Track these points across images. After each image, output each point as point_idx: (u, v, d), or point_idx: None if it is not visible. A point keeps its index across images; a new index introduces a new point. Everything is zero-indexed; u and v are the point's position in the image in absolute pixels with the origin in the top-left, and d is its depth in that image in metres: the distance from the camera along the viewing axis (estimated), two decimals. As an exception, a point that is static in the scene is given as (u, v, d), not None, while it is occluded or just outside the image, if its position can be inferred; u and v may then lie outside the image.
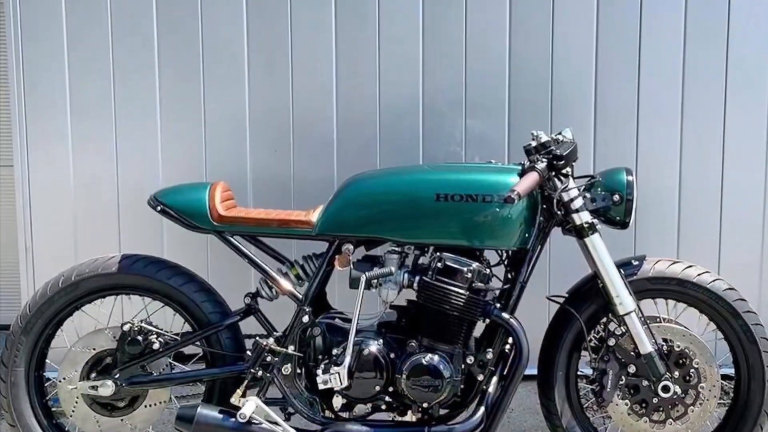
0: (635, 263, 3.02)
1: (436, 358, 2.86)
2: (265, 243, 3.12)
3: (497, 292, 2.94)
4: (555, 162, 2.82)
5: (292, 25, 3.97)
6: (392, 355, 2.90)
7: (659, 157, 3.96)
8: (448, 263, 2.87)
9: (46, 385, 3.19)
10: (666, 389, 2.92)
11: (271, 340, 2.98)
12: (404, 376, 2.86)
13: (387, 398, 2.93)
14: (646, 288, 3.00)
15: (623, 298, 2.90)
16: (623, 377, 2.96)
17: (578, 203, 2.88)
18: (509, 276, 2.98)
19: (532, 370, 3.06)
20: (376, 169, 3.61)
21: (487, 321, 2.93)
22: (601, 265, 2.91)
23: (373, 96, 3.98)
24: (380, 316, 3.01)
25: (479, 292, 2.87)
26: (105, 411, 3.08)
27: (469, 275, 2.85)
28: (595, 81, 3.94)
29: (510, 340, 2.92)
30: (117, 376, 3.01)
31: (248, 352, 3.02)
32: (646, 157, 3.95)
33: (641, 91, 3.94)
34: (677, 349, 2.95)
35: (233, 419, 2.87)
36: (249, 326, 3.11)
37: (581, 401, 3.12)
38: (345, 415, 2.98)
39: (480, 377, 2.92)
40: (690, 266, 3.03)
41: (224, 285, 3.25)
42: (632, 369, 2.95)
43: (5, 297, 4.94)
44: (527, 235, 2.89)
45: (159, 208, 3.05)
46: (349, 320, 2.90)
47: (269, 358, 2.97)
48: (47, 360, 3.16)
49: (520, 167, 2.91)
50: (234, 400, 2.96)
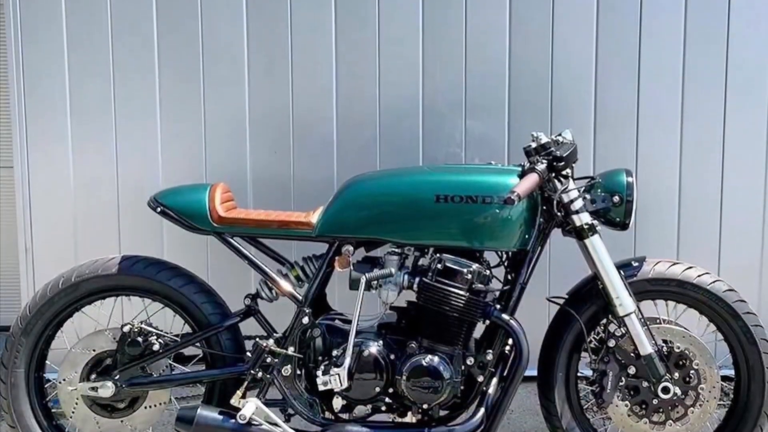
0: (635, 264, 3.02)
1: (436, 360, 2.86)
2: (265, 244, 3.12)
3: (497, 294, 2.94)
4: (555, 163, 2.82)
5: (292, 26, 3.97)
6: (392, 357, 2.90)
7: (659, 159, 3.96)
8: (448, 264, 2.87)
9: (46, 387, 3.19)
10: (666, 390, 2.92)
11: (271, 342, 2.98)
12: (404, 378, 2.86)
13: (387, 399, 2.93)
14: (646, 289, 3.00)
15: (623, 300, 2.90)
16: (623, 378, 2.96)
17: (578, 204, 2.88)
18: (509, 277, 2.98)
19: (532, 372, 3.06)
20: (376, 171, 3.61)
21: (487, 322, 2.93)
22: (601, 267, 2.91)
23: (373, 97, 3.98)
24: (380, 318, 3.01)
25: (479, 294, 2.87)
26: (105, 412, 3.08)
27: (469, 276, 2.85)
28: (595, 83, 3.94)
29: (510, 342, 2.91)
30: (117, 378, 3.01)
31: (248, 354, 3.03)
32: (646, 159, 3.95)
33: (641, 93, 3.94)
34: (677, 351, 2.95)
35: (233, 420, 2.88)
36: (249, 327, 3.11)
37: (581, 402, 3.12)
38: (345, 417, 2.98)
39: (480, 378, 2.91)
40: (690, 267, 3.03)
41: (224, 286, 3.25)
42: (632, 370, 2.95)
43: (5, 298, 4.93)
44: (527, 237, 2.89)
45: (159, 210, 3.05)
46: (349, 321, 2.90)
47: (269, 360, 2.97)
48: (47, 361, 3.17)
49: (520, 168, 2.91)
50: (234, 402, 2.96)
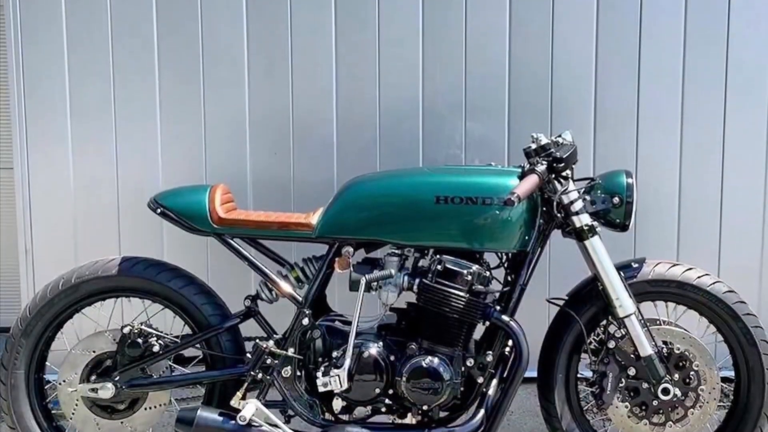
0: (635, 266, 3.02)
1: (436, 361, 2.86)
2: (265, 245, 3.12)
3: (497, 295, 2.95)
4: (555, 164, 2.82)
5: (292, 28, 3.97)
6: (392, 358, 2.90)
7: (659, 160, 3.96)
8: (448, 266, 2.86)
9: (46, 388, 3.19)
10: (666, 392, 2.92)
11: (271, 343, 2.98)
12: (404, 379, 2.86)
13: (387, 401, 2.93)
14: (646, 290, 3.00)
15: (623, 301, 2.90)
16: (623, 380, 2.96)
17: (578, 206, 2.88)
18: (509, 278, 2.98)
19: (532, 373, 3.06)
20: (376, 172, 3.61)
21: (487, 323, 2.93)
22: (601, 268, 2.91)
23: (373, 99, 3.98)
24: (380, 319, 3.01)
25: (479, 295, 2.87)
26: (105, 413, 3.08)
27: (469, 278, 2.85)
28: (595, 84, 3.94)
29: (510, 343, 2.92)
30: (117, 379, 3.01)
31: (248, 355, 3.02)
32: (646, 160, 3.95)
33: (641, 94, 3.94)
34: (677, 352, 2.95)
35: (233, 422, 2.88)
36: (249, 329, 3.11)
37: (581, 404, 3.11)
38: (345, 418, 2.98)
39: (480, 380, 2.91)
40: (690, 269, 3.03)
41: (224, 287, 3.25)
42: (632, 371, 2.95)
43: (5, 299, 4.93)
44: (527, 238, 2.89)
45: (159, 211, 3.05)
46: (349, 323, 2.90)
47: (269, 361, 2.97)
48: (47, 362, 3.17)
49: (520, 170, 2.91)
50: (234, 403, 2.96)
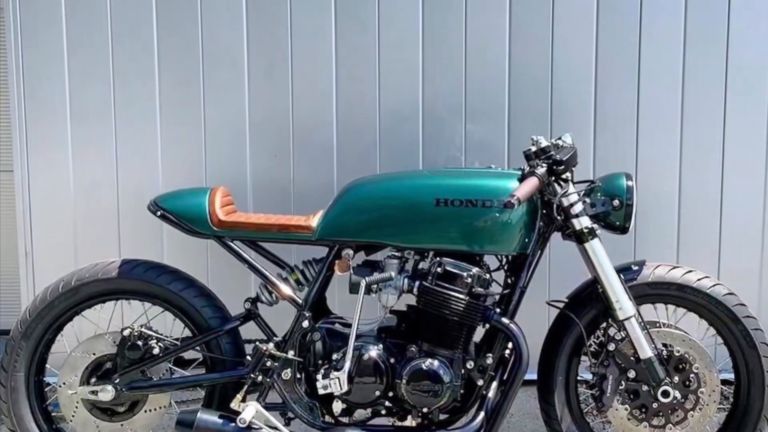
0: (635, 268, 3.02)
1: (436, 363, 2.86)
2: (265, 248, 3.12)
3: (497, 297, 2.95)
4: (555, 167, 2.82)
5: (292, 31, 3.97)
6: (392, 360, 2.90)
7: (659, 162, 3.96)
8: (448, 268, 2.86)
9: (46, 390, 3.19)
10: (666, 394, 2.92)
11: (271, 345, 2.98)
12: (404, 381, 2.86)
13: (387, 403, 2.93)
14: (646, 293, 3.00)
15: (623, 303, 2.90)
16: (623, 382, 2.96)
17: (578, 208, 2.88)
18: (509, 281, 2.98)
19: (532, 375, 3.06)
20: (376, 174, 3.61)
21: (487, 326, 2.93)
22: (601, 270, 2.91)
23: (373, 101, 3.98)
24: (380, 321, 3.01)
25: (479, 297, 2.87)
26: (105, 416, 3.08)
27: (469, 280, 2.85)
28: (595, 86, 3.94)
29: (510, 345, 2.91)
30: (117, 381, 3.01)
31: (248, 357, 3.02)
32: (646, 162, 3.95)
33: (641, 96, 3.94)
34: (677, 354, 2.95)
35: (233, 424, 2.88)
36: (249, 331, 3.10)
37: (581, 406, 3.11)
38: (345, 420, 2.98)
39: (480, 382, 2.91)
40: (690, 271, 3.03)
41: (224, 290, 3.26)
42: (632, 374, 2.95)
43: (5, 302, 4.93)
44: (527, 240, 2.89)
45: (159, 213, 3.05)
46: (349, 325, 2.90)
47: (269, 363, 2.97)
48: (47, 365, 3.17)
49: (520, 172, 2.92)
50: (234, 405, 2.95)
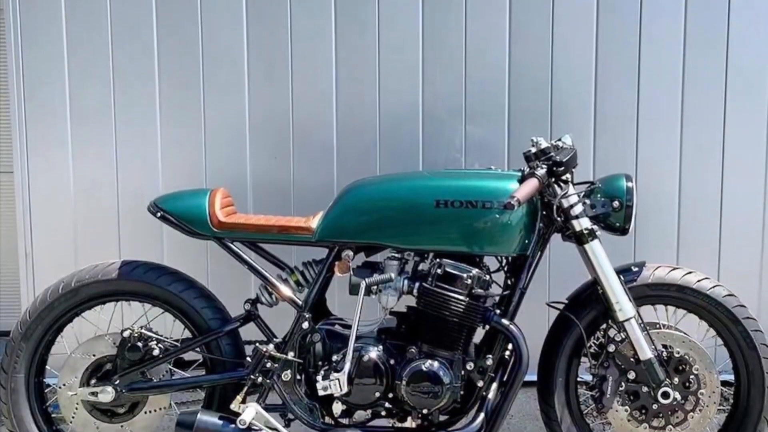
0: (635, 269, 3.02)
1: (436, 365, 2.86)
2: (265, 249, 3.12)
3: (497, 299, 2.94)
4: (555, 168, 2.82)
5: (292, 32, 3.97)
6: (392, 362, 2.90)
7: (659, 164, 3.96)
8: (448, 269, 2.87)
9: (46, 392, 3.19)
10: (666, 395, 2.92)
11: (271, 347, 2.99)
12: (404, 383, 2.86)
13: (387, 404, 2.93)
14: (646, 294, 3.00)
15: (623, 305, 2.90)
16: (623, 383, 2.96)
17: (578, 209, 2.88)
18: (509, 282, 2.98)
19: (532, 376, 3.06)
20: (376, 176, 3.62)
21: (487, 327, 2.93)
22: (601, 272, 2.91)
23: (373, 102, 3.98)
24: (380, 323, 3.02)
25: (479, 299, 2.87)
26: (105, 417, 3.08)
27: (469, 281, 2.85)
28: (595, 87, 3.94)
29: (510, 347, 2.91)
30: (117, 383, 3.01)
31: (248, 359, 3.02)
32: (646, 164, 3.95)
33: (641, 98, 3.94)
34: (677, 356, 2.95)
35: (233, 425, 2.88)
36: (249, 332, 3.10)
37: (581, 407, 3.11)
38: (345, 422, 2.98)
39: (480, 383, 2.91)
40: (689, 272, 3.03)
41: (224, 291, 3.26)
42: (632, 375, 2.95)
43: (5, 303, 4.93)
44: (527, 242, 2.89)
45: (159, 215, 3.05)
46: (349, 326, 2.90)
47: (269, 365, 2.97)
48: (47, 366, 3.17)
49: (520, 173, 2.92)
50: (234, 407, 2.95)
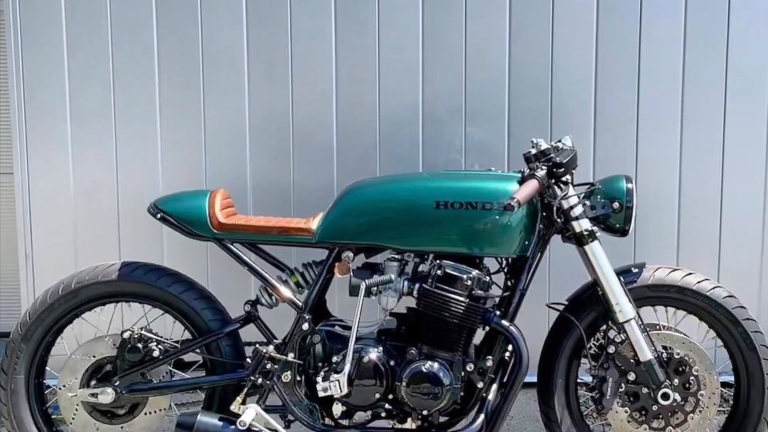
0: (635, 271, 3.02)
1: (436, 366, 2.86)
2: (265, 250, 3.12)
3: (497, 300, 2.94)
4: (555, 169, 2.82)
5: (292, 33, 3.97)
6: (392, 363, 2.90)
7: (659, 164, 3.96)
8: (448, 271, 2.87)
9: (46, 393, 3.19)
10: (666, 397, 2.92)
11: (271, 348, 2.99)
12: (404, 384, 2.86)
13: (387, 405, 2.93)
14: (646, 295, 3.00)
15: (623, 306, 2.90)
16: (623, 384, 2.96)
17: (578, 211, 2.88)
18: (509, 283, 2.98)
19: (532, 378, 3.06)
20: (376, 177, 3.62)
21: (487, 328, 2.93)
22: (601, 273, 2.91)
23: (373, 103, 3.98)
24: (380, 324, 3.02)
25: (479, 300, 2.87)
26: (105, 418, 3.08)
27: (469, 283, 2.85)
28: (595, 88, 3.94)
29: (510, 348, 2.91)
30: (117, 384, 3.01)
31: (248, 360, 3.02)
32: (646, 165, 3.95)
33: (641, 98, 3.94)
34: (677, 357, 2.95)
35: (233, 426, 2.88)
36: (249, 334, 3.10)
37: (581, 408, 3.11)
38: (345, 423, 2.98)
39: (480, 384, 2.91)
40: (689, 274, 3.03)
41: (224, 292, 3.26)
42: (632, 376, 2.95)
43: (5, 304, 4.93)
44: (527, 243, 2.89)
45: (159, 216, 3.06)
46: (349, 328, 2.90)
47: (269, 366, 2.97)
48: (47, 367, 3.17)
49: (520, 175, 2.92)
50: (234, 408, 2.96)
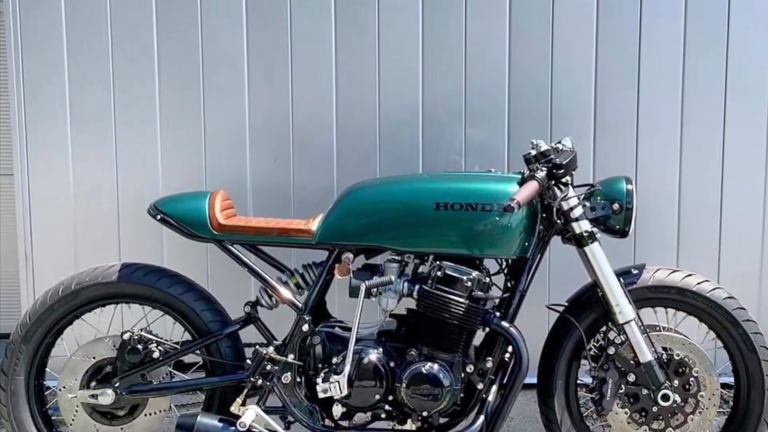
0: (635, 272, 3.02)
1: (436, 367, 2.86)
2: (265, 252, 3.12)
3: (497, 301, 2.94)
4: (555, 171, 2.82)
5: (292, 35, 3.97)
6: (392, 364, 2.90)
7: (659, 166, 3.96)
8: (448, 272, 2.87)
9: (46, 394, 3.19)
10: (665, 398, 2.92)
11: (271, 349, 2.98)
12: (404, 385, 2.86)
13: (387, 407, 2.93)
14: (646, 297, 3.00)
15: (623, 307, 2.90)
16: (623, 386, 2.96)
17: (578, 212, 2.88)
18: (509, 285, 2.98)
19: (532, 379, 3.06)
20: (376, 178, 3.61)
21: (487, 330, 2.93)
22: (601, 274, 2.91)
23: (373, 105, 3.98)
24: (380, 325, 3.02)
25: (479, 301, 2.87)
26: (105, 420, 3.08)
27: (469, 284, 2.85)
28: (595, 90, 3.94)
29: (510, 349, 2.91)
30: (117, 385, 3.01)
31: (248, 361, 3.02)
32: (646, 166, 3.95)
33: (641, 100, 3.93)
34: (677, 358, 2.95)
35: (233, 428, 2.88)
36: (249, 335, 3.11)
37: (581, 410, 3.11)
38: (345, 424, 2.98)
39: (480, 386, 2.91)
40: (689, 275, 3.03)
41: (224, 294, 3.26)
42: (632, 378, 2.95)
43: (5, 306, 4.93)
44: (527, 244, 2.89)
45: (159, 217, 3.06)
46: (349, 329, 2.90)
47: (269, 367, 2.97)
48: (47, 369, 3.17)
49: (520, 176, 2.92)
50: (234, 409, 2.96)
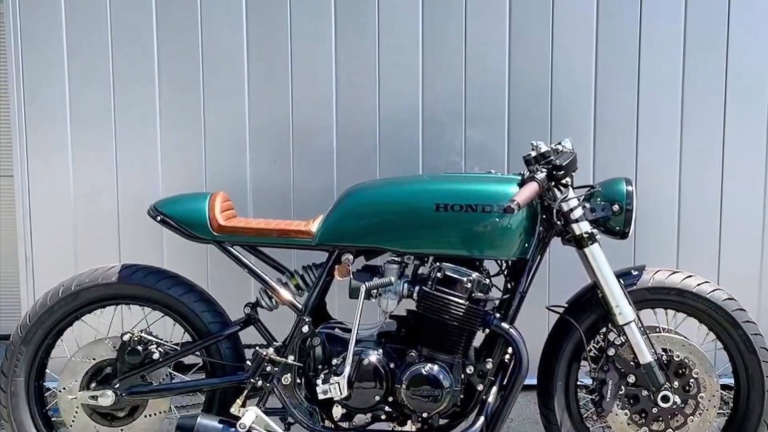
0: (635, 273, 3.02)
1: (436, 368, 2.86)
2: (265, 253, 3.13)
3: (497, 302, 2.95)
4: (555, 172, 2.83)
5: (292, 35, 3.98)
6: (392, 365, 2.91)
7: (659, 168, 3.96)
8: (448, 273, 2.87)
9: (46, 395, 3.19)
10: (665, 399, 2.92)
11: (271, 350, 2.98)
12: (404, 386, 2.86)
13: (387, 408, 2.93)
14: (646, 298, 3.00)
15: (623, 308, 2.90)
16: (623, 387, 2.96)
17: (578, 213, 2.88)
18: (509, 286, 2.98)
19: (532, 380, 3.06)
20: (376, 179, 3.61)
21: (487, 331, 2.93)
22: (601, 275, 2.91)
23: (373, 106, 3.98)
24: (380, 326, 3.01)
25: (479, 302, 2.88)
26: (105, 421, 3.08)
27: (469, 285, 2.85)
28: (595, 92, 3.94)
29: (510, 350, 2.92)
30: (117, 386, 3.01)
31: (248, 362, 3.03)
32: (646, 168, 3.95)
33: (641, 102, 3.94)
34: (677, 359, 2.95)
35: (233, 429, 2.88)
36: (249, 336, 3.11)
37: (581, 411, 3.11)
38: (345, 425, 2.98)
39: (480, 387, 2.92)
40: (689, 276, 3.03)
41: (224, 295, 3.26)
42: (632, 379, 2.95)
43: (5, 307, 4.93)
44: (527, 245, 2.89)
45: (159, 218, 3.06)
46: (349, 330, 2.90)
47: (269, 368, 2.97)
48: (47, 370, 3.17)
49: (520, 177, 2.92)
50: (234, 410, 2.96)
